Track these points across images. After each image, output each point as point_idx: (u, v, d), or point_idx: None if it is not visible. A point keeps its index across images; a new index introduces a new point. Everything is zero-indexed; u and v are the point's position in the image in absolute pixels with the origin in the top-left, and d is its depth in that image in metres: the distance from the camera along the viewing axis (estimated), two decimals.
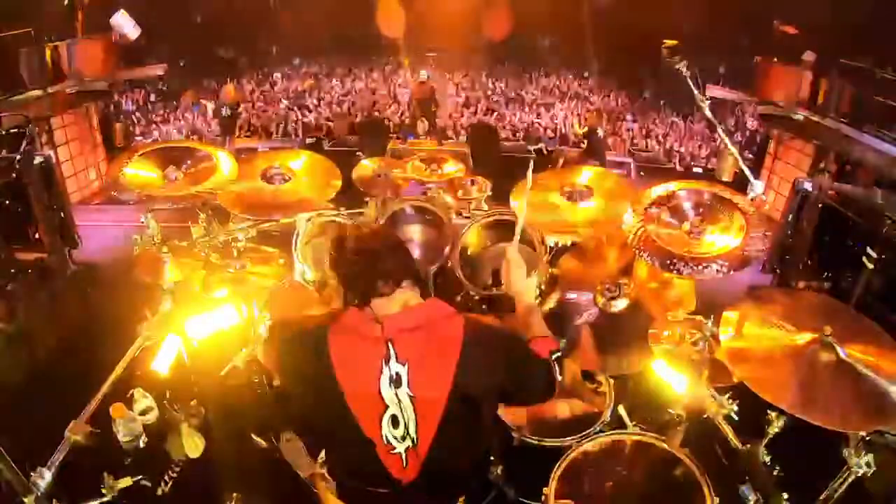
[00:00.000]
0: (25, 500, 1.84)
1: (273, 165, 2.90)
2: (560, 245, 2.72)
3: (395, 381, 1.36)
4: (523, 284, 1.71)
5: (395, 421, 1.38)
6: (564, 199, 2.70)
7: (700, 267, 2.07)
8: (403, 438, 1.40)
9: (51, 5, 7.50)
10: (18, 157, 3.79)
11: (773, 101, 7.62)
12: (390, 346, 1.36)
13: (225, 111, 8.98)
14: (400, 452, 1.42)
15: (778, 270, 3.94)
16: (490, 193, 3.84)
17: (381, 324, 1.37)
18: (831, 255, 3.59)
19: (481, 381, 1.40)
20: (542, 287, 2.57)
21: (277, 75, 13.77)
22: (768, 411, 1.85)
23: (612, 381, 2.36)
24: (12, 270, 3.86)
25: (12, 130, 4.99)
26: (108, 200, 7.50)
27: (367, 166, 3.86)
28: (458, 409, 1.38)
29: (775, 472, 1.96)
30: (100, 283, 4.53)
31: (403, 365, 1.36)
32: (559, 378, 1.55)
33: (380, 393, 1.36)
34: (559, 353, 1.56)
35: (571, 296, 2.38)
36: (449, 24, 15.07)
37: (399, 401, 1.37)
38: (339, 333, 1.41)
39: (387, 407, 1.37)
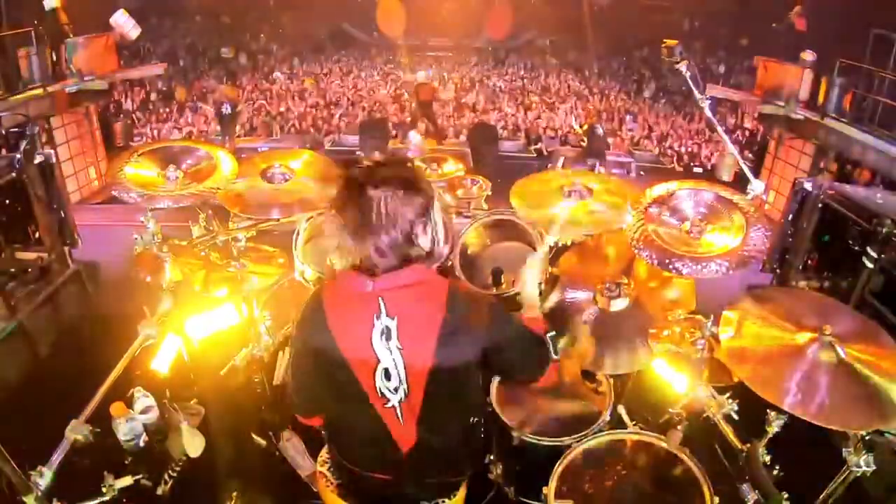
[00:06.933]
0: (26, 499, 1.84)
1: (273, 165, 2.89)
2: (560, 244, 2.72)
3: (386, 334, 1.40)
4: (534, 288, 1.82)
5: (387, 374, 1.43)
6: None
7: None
8: (396, 390, 1.44)
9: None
10: (18, 156, 3.77)
11: (774, 101, 7.61)
12: (381, 301, 1.40)
13: (225, 109, 8.98)
14: (394, 406, 1.46)
15: (778, 270, 3.93)
16: (490, 193, 3.84)
17: (372, 280, 1.41)
18: (831, 255, 3.58)
19: (465, 338, 1.43)
20: (542, 287, 2.57)
21: (277, 74, 13.76)
22: (768, 411, 1.84)
23: (611, 380, 2.36)
24: (12, 270, 3.85)
25: (12, 130, 4.99)
26: (108, 200, 7.50)
27: None
28: (444, 366, 1.42)
29: (775, 472, 1.96)
30: (100, 283, 4.53)
31: (393, 319, 1.40)
32: (555, 357, 1.62)
33: (372, 346, 1.41)
34: (554, 334, 1.64)
35: (571, 295, 2.37)
36: (450, 24, 15.05)
37: (391, 353, 1.41)
38: (333, 290, 1.48)
39: (379, 361, 1.42)
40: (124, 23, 7.91)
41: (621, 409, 2.26)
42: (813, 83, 7.40)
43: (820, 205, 3.53)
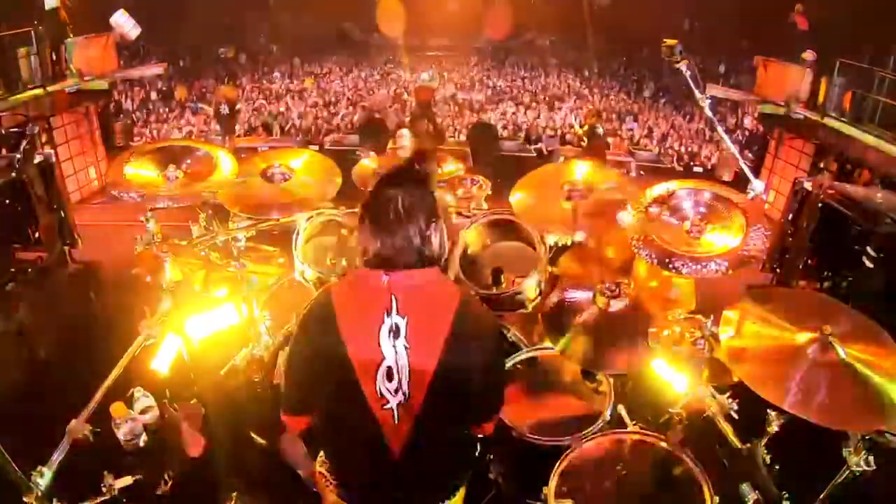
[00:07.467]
0: (26, 499, 1.84)
1: (273, 165, 2.89)
2: (560, 244, 2.72)
3: (394, 332, 1.40)
4: None
5: (389, 373, 1.42)
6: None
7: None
8: (396, 392, 1.43)
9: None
10: (18, 156, 3.78)
11: (774, 101, 7.61)
12: (394, 298, 1.40)
13: (224, 109, 8.97)
14: (392, 407, 1.45)
15: (778, 270, 3.94)
16: (490, 192, 3.83)
17: (388, 275, 1.41)
18: (831, 255, 3.58)
19: (471, 346, 1.44)
20: (542, 286, 2.57)
21: (277, 74, 13.75)
22: (768, 411, 1.84)
23: (611, 380, 2.36)
24: (12, 270, 3.86)
25: (12, 130, 4.99)
26: (108, 200, 7.50)
27: (367, 165, 3.86)
28: (448, 372, 1.42)
29: (775, 472, 1.96)
30: (100, 283, 4.53)
31: (403, 318, 1.40)
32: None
33: (378, 343, 1.41)
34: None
35: (571, 295, 2.37)
36: (450, 24, 15.03)
37: (396, 352, 1.41)
38: (344, 286, 1.50)
39: (384, 359, 1.41)
40: (124, 23, 7.90)
41: (621, 409, 2.26)
42: (813, 83, 7.40)
43: (820, 204, 3.53)
